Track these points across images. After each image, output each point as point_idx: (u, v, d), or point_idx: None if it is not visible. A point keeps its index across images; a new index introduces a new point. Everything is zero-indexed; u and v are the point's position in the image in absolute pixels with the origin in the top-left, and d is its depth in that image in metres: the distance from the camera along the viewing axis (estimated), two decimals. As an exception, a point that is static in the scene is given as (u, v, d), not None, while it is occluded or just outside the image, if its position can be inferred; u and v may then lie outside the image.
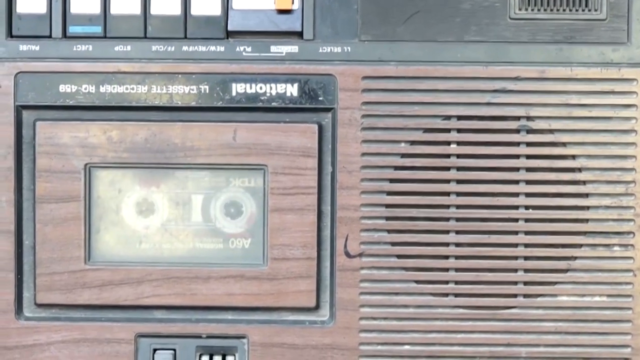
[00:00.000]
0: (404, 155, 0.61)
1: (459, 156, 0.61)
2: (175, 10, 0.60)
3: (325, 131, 0.61)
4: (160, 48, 0.61)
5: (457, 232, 0.61)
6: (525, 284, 0.61)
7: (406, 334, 0.62)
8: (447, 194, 0.61)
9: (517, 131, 0.61)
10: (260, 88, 0.60)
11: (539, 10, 0.60)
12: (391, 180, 0.61)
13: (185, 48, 0.61)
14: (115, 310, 0.62)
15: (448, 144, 0.61)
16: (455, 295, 0.61)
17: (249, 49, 0.61)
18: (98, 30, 0.60)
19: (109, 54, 0.61)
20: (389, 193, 0.61)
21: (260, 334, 0.61)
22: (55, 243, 0.61)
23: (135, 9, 0.60)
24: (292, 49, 0.61)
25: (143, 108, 0.61)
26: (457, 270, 0.61)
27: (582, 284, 0.61)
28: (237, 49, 0.61)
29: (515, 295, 0.62)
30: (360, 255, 0.61)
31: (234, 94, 0.60)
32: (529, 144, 0.61)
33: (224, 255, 0.62)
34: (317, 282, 0.61)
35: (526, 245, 0.61)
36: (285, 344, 0.61)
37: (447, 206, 0.61)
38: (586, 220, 0.61)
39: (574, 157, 0.61)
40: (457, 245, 0.61)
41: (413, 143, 0.61)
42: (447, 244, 0.61)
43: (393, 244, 0.61)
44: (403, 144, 0.61)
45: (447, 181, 0.61)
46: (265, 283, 0.61)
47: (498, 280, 0.61)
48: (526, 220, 0.61)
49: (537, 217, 0.61)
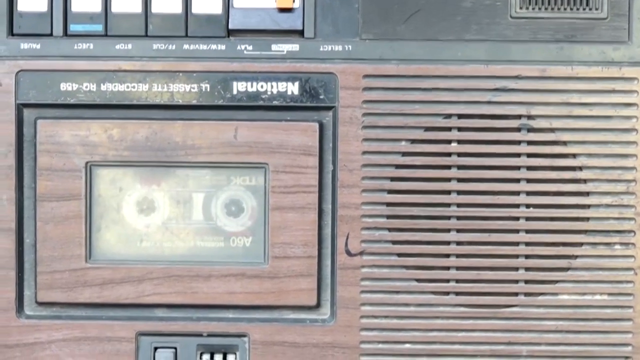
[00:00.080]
0: (404, 154, 0.61)
1: (459, 155, 0.61)
2: (176, 8, 0.60)
3: (326, 129, 0.61)
4: (161, 46, 0.61)
5: (458, 231, 0.61)
6: (526, 282, 0.61)
7: (407, 332, 0.62)
8: (448, 193, 0.61)
9: (518, 130, 0.61)
10: (261, 86, 0.60)
11: (539, 9, 0.60)
12: (392, 179, 0.61)
13: (186, 46, 0.61)
14: (116, 309, 0.62)
15: (449, 142, 0.61)
16: (456, 293, 0.61)
17: (250, 48, 0.61)
18: (99, 28, 0.60)
19: (110, 52, 0.61)
20: (390, 191, 0.61)
21: (261, 332, 0.61)
22: (56, 241, 0.61)
23: (136, 8, 0.60)
24: (293, 47, 0.61)
25: (144, 106, 0.61)
26: (458, 268, 0.61)
27: (583, 282, 0.61)
28: (238, 48, 0.61)
29: (516, 294, 0.62)
30: (361, 253, 0.61)
31: (235, 92, 0.60)
32: (529, 143, 0.61)
33: (224, 253, 0.62)
34: (318, 281, 0.61)
35: (527, 244, 0.61)
36: (286, 342, 0.61)
37: (448, 205, 0.61)
38: (587, 219, 0.61)
39: (574, 156, 0.61)
40: (458, 243, 0.61)
41: (414, 141, 0.61)
42: (448, 243, 0.61)
43: (394, 242, 0.61)
44: (404, 143, 0.61)
45: (448, 180, 0.61)
46: (266, 281, 0.61)
47: (499, 278, 0.61)
48: (527, 219, 0.61)
49: (538, 216, 0.61)
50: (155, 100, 0.61)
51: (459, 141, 0.61)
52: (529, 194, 0.61)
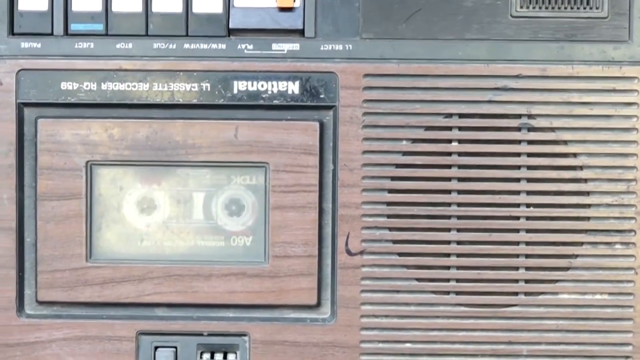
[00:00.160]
0: (405, 153, 0.61)
1: (460, 154, 0.61)
2: (177, 7, 0.60)
3: (326, 129, 0.61)
4: (162, 46, 0.61)
5: (459, 230, 0.61)
6: (526, 282, 0.61)
7: (407, 331, 0.62)
8: (449, 192, 0.61)
9: (519, 129, 0.61)
10: (262, 86, 0.60)
11: (540, 8, 0.60)
12: (392, 178, 0.61)
13: (186, 46, 0.61)
14: (117, 308, 0.62)
15: (449, 142, 0.61)
16: (457, 293, 0.61)
17: (251, 47, 0.61)
18: (100, 27, 0.60)
19: (110, 52, 0.61)
20: (390, 191, 0.61)
21: (262, 331, 0.61)
22: (57, 240, 0.61)
23: (137, 7, 0.60)
24: (294, 46, 0.61)
25: (144, 106, 0.61)
26: (459, 268, 0.61)
27: (584, 282, 0.61)
28: (239, 47, 0.61)
29: (516, 293, 0.62)
30: (361, 253, 0.61)
31: (235, 91, 0.61)
32: (530, 142, 0.61)
33: (225, 252, 0.62)
34: (319, 280, 0.61)
35: (527, 243, 0.61)
36: (287, 341, 0.61)
37: (449, 204, 0.61)
38: (587, 218, 0.61)
39: (575, 155, 0.61)
40: (459, 243, 0.61)
41: (414, 141, 0.61)
42: (449, 242, 0.61)
43: (394, 241, 0.61)
44: (404, 142, 0.61)
45: (449, 179, 0.61)
46: (266, 281, 0.61)
47: (499, 278, 0.61)
48: (527, 218, 0.61)
49: (538, 215, 0.61)
50: (156, 99, 0.61)
51: (460, 140, 0.61)
52: (529, 193, 0.61)
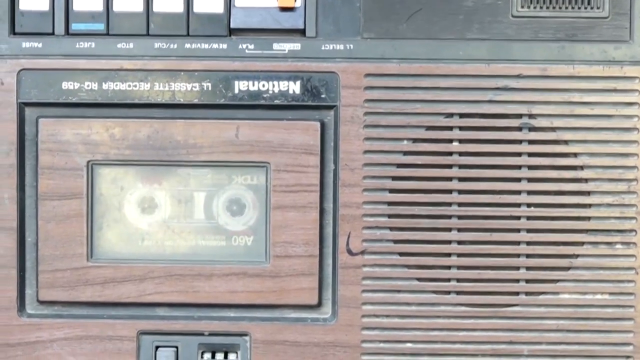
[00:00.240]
0: (406, 153, 0.61)
1: (461, 154, 0.61)
2: (178, 7, 0.60)
3: (327, 129, 0.61)
4: (163, 45, 0.61)
5: (459, 230, 0.61)
6: (527, 281, 0.61)
7: (408, 331, 0.62)
8: (449, 192, 0.61)
9: (519, 129, 0.61)
10: (263, 85, 0.60)
11: (541, 8, 0.60)
12: (393, 178, 0.61)
13: (187, 45, 0.61)
14: (118, 308, 0.62)
15: (450, 141, 0.61)
16: (457, 293, 0.61)
17: (252, 47, 0.61)
18: (101, 27, 0.61)
19: (111, 51, 0.61)
20: (391, 191, 0.61)
21: (263, 331, 0.61)
22: (58, 240, 0.61)
23: (138, 7, 0.60)
24: (295, 46, 0.61)
25: (145, 105, 0.61)
26: (459, 268, 0.61)
27: (584, 281, 0.61)
28: (240, 47, 0.61)
29: (517, 293, 0.62)
30: (362, 252, 0.61)
31: (236, 91, 0.61)
32: (531, 142, 0.61)
33: (226, 252, 0.62)
34: (320, 280, 0.61)
35: (528, 243, 0.61)
36: (288, 341, 0.61)
37: (449, 204, 0.61)
38: (588, 218, 0.61)
39: (576, 155, 0.61)
40: (459, 242, 0.61)
41: (415, 141, 0.61)
42: (449, 242, 0.61)
43: (395, 241, 0.61)
44: (405, 142, 0.61)
45: (449, 179, 0.61)
46: (267, 280, 0.61)
47: (500, 278, 0.61)
48: (528, 218, 0.61)
49: (539, 215, 0.61)
50: (157, 99, 0.61)
51: (460, 140, 0.61)
52: (530, 193, 0.61)
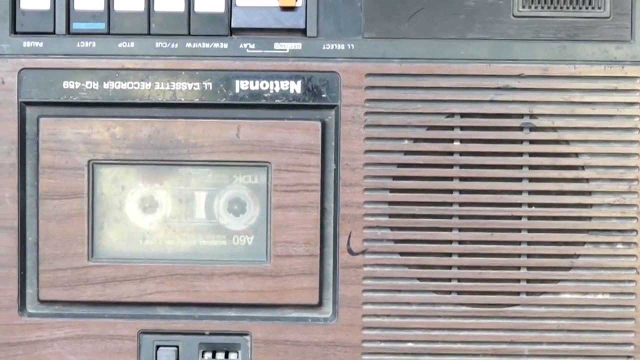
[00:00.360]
0: (407, 153, 0.61)
1: (462, 154, 0.61)
2: (179, 7, 0.60)
3: (328, 128, 0.61)
4: (164, 45, 0.61)
5: (460, 230, 0.61)
6: (528, 281, 0.61)
7: (409, 331, 0.62)
8: (450, 192, 0.61)
9: (521, 129, 0.61)
10: (264, 85, 0.60)
11: (542, 7, 0.60)
12: (394, 178, 0.61)
13: (188, 45, 0.61)
14: (118, 307, 0.62)
15: (451, 141, 0.61)
16: (458, 292, 0.61)
17: (253, 46, 0.61)
18: (102, 26, 0.60)
19: (112, 51, 0.61)
20: (392, 190, 0.61)
21: (263, 331, 0.61)
22: (59, 239, 0.61)
23: (139, 6, 0.60)
24: (296, 46, 0.61)
25: (146, 105, 0.61)
26: (460, 267, 0.61)
27: (585, 281, 0.61)
28: (241, 46, 0.61)
29: (518, 293, 0.62)
30: (363, 252, 0.61)
31: (237, 90, 0.61)
32: (532, 142, 0.61)
33: (227, 252, 0.62)
34: (320, 280, 0.61)
35: (529, 243, 0.61)
36: (288, 341, 0.61)
37: (450, 204, 0.61)
38: (589, 218, 0.61)
39: (577, 155, 0.61)
40: (460, 242, 0.61)
41: (416, 140, 0.61)
42: (450, 242, 0.61)
43: (396, 241, 0.61)
44: (406, 142, 0.61)
45: (450, 179, 0.61)
46: (268, 280, 0.61)
47: (501, 277, 0.61)
48: (529, 218, 0.61)
49: (540, 215, 0.61)
50: (158, 98, 0.61)
51: (462, 140, 0.61)
52: (531, 193, 0.61)
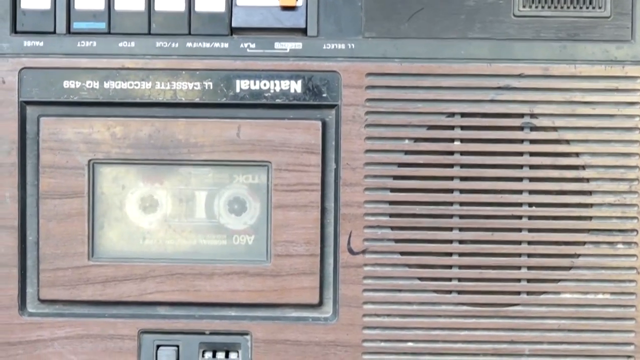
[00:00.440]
0: (407, 152, 0.61)
1: (462, 153, 0.61)
2: (180, 6, 0.60)
3: (328, 128, 0.61)
4: (164, 44, 0.61)
5: (461, 229, 0.61)
6: (528, 281, 0.61)
7: (409, 330, 0.62)
8: (451, 191, 0.61)
9: (521, 128, 0.61)
10: (264, 84, 0.60)
11: (543, 7, 0.60)
12: (395, 177, 0.61)
13: (189, 44, 0.61)
14: (119, 307, 0.62)
15: (452, 141, 0.61)
16: (459, 292, 0.61)
17: (253, 46, 0.61)
18: (102, 26, 0.61)
19: (113, 50, 0.61)
20: (393, 190, 0.61)
21: (264, 330, 0.61)
22: (59, 239, 0.61)
23: (140, 6, 0.60)
24: (296, 45, 0.61)
25: (147, 104, 0.61)
26: (461, 267, 0.61)
27: (586, 281, 0.61)
28: (241, 46, 0.61)
29: (518, 293, 0.62)
30: (363, 252, 0.61)
31: (237, 90, 0.61)
32: (532, 142, 0.61)
33: (227, 251, 0.62)
34: (321, 279, 0.61)
35: (529, 243, 0.61)
36: (289, 340, 0.61)
37: (451, 203, 0.61)
38: (590, 218, 0.61)
39: (577, 155, 0.61)
40: (461, 242, 0.61)
41: (417, 140, 0.61)
42: (451, 241, 0.61)
43: (396, 240, 0.61)
44: (407, 141, 0.61)
45: (451, 178, 0.61)
46: (268, 279, 0.61)
47: (501, 277, 0.61)
48: (530, 218, 0.61)
49: (541, 215, 0.61)
50: (158, 98, 0.61)
51: (462, 140, 0.61)
52: (531, 192, 0.61)
